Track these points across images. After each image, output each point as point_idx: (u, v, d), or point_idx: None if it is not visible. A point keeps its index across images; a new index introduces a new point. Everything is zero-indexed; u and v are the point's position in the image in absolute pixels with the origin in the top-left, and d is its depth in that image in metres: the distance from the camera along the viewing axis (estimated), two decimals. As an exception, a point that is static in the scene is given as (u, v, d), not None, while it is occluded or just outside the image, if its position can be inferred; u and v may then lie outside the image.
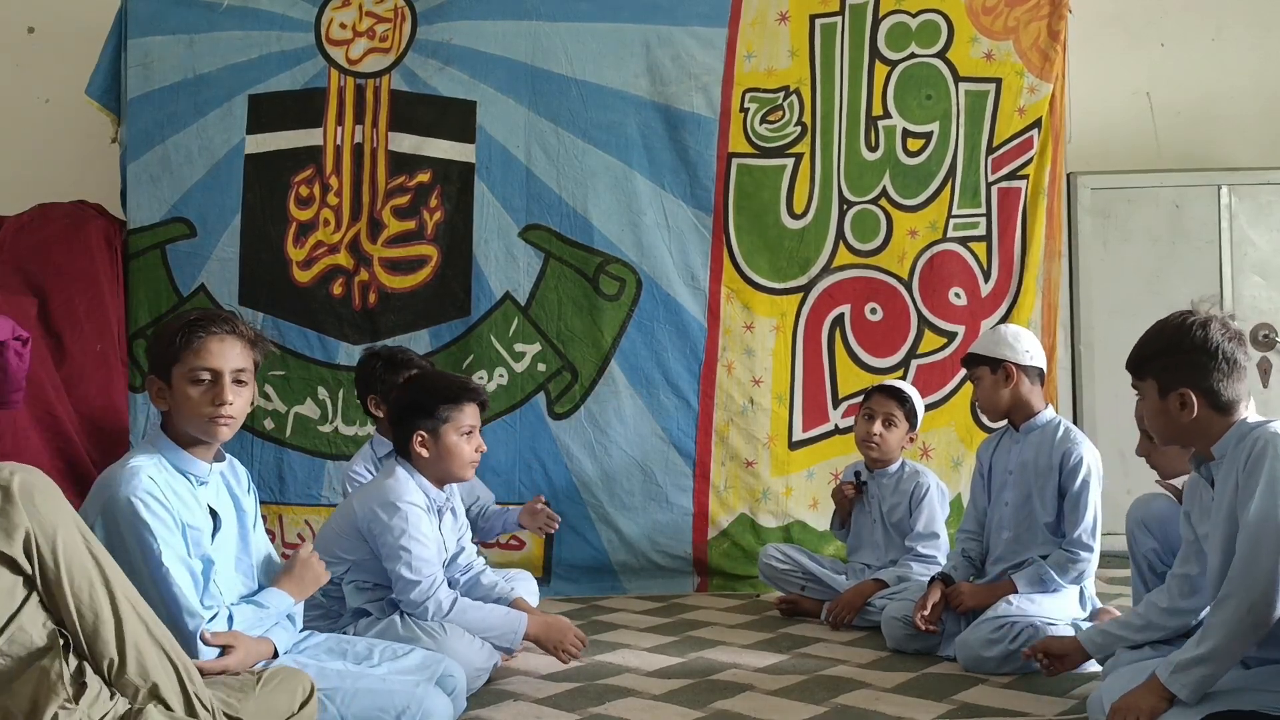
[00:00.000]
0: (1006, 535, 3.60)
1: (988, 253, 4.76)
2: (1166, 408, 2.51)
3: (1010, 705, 3.00)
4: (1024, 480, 3.57)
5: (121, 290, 4.62)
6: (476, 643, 3.15)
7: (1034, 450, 3.57)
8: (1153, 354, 2.55)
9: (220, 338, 2.51)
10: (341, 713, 2.47)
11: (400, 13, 4.73)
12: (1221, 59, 5.43)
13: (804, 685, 3.22)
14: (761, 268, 4.75)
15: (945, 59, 4.77)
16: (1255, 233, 5.21)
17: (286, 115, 4.71)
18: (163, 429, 2.56)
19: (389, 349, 4.08)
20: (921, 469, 4.13)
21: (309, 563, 2.74)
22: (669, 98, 4.71)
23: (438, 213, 4.70)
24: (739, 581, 4.65)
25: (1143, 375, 2.57)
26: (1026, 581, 3.45)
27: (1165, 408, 2.51)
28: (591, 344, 4.68)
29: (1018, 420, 3.63)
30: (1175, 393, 2.48)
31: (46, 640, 1.99)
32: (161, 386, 2.53)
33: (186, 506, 2.48)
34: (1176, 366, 2.48)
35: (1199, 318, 2.50)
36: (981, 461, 3.78)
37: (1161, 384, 2.51)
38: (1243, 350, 2.49)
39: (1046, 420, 3.60)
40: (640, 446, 4.67)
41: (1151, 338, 2.58)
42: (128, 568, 2.34)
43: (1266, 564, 2.29)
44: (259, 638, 2.54)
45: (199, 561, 2.47)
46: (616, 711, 3.00)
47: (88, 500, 2.48)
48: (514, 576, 3.87)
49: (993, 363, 3.60)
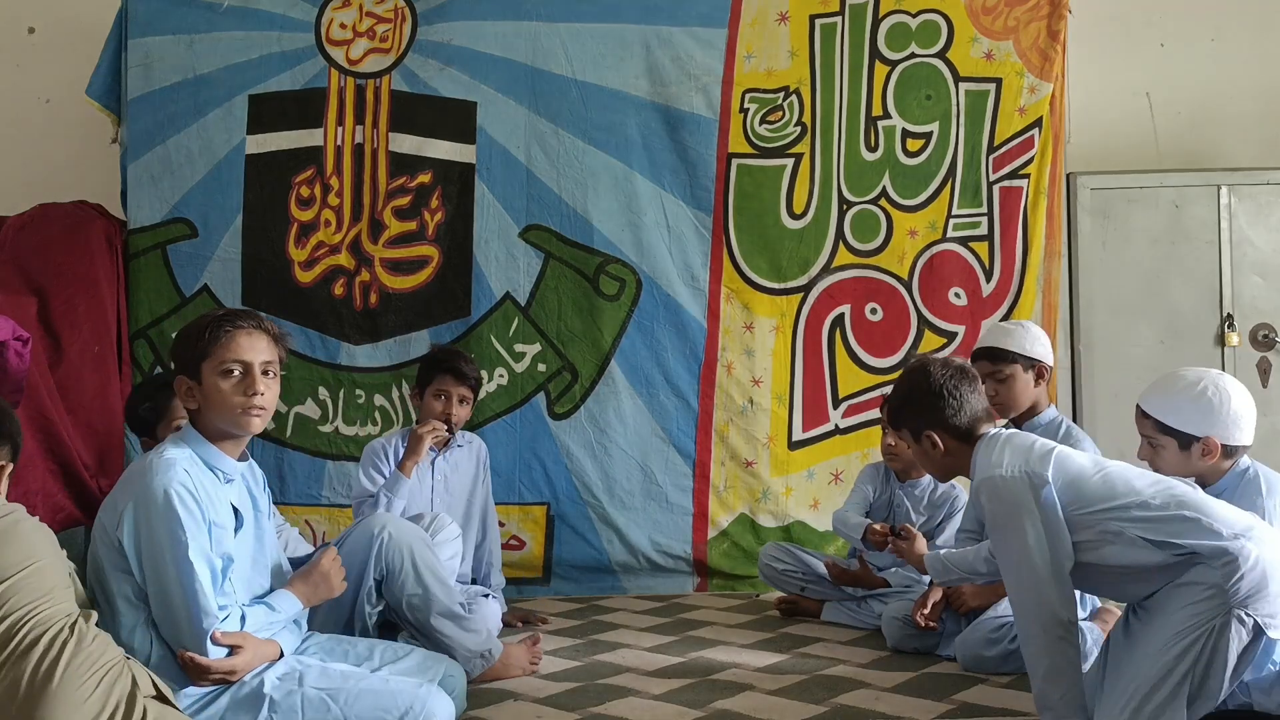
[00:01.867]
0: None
1: (989, 252, 4.76)
2: (923, 450, 2.80)
3: (1010, 705, 3.00)
4: None
5: (122, 291, 4.62)
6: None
7: None
8: (897, 406, 2.87)
9: (248, 331, 2.57)
10: (344, 714, 2.48)
11: (400, 13, 4.74)
12: (1221, 59, 5.43)
13: (804, 685, 3.22)
14: (761, 268, 4.76)
15: (945, 59, 4.77)
16: (1255, 233, 5.21)
17: (287, 116, 4.71)
18: (192, 426, 2.60)
19: (446, 348, 4.23)
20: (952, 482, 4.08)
21: (328, 574, 2.75)
22: (669, 98, 4.72)
23: (438, 213, 4.70)
24: (739, 581, 4.65)
25: (898, 426, 2.87)
26: None
27: (922, 450, 2.80)
28: (591, 344, 4.69)
29: (1022, 419, 3.63)
30: (925, 435, 2.77)
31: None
32: (190, 385, 2.55)
33: (213, 503, 2.52)
34: (916, 413, 2.78)
35: (919, 363, 2.84)
36: None
37: (912, 431, 2.80)
38: (966, 380, 2.76)
39: (1049, 419, 3.59)
40: (640, 446, 4.67)
41: (894, 391, 2.92)
42: (152, 557, 2.38)
43: (1029, 602, 2.56)
44: (266, 639, 2.56)
45: (220, 559, 2.49)
46: (616, 711, 3.00)
47: (118, 486, 2.52)
48: (476, 593, 3.79)
49: (1026, 360, 3.59)
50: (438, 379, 3.90)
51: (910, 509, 4.01)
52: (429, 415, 3.88)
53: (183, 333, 2.64)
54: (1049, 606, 2.53)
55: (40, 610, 2.21)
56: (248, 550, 2.63)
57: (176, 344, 2.65)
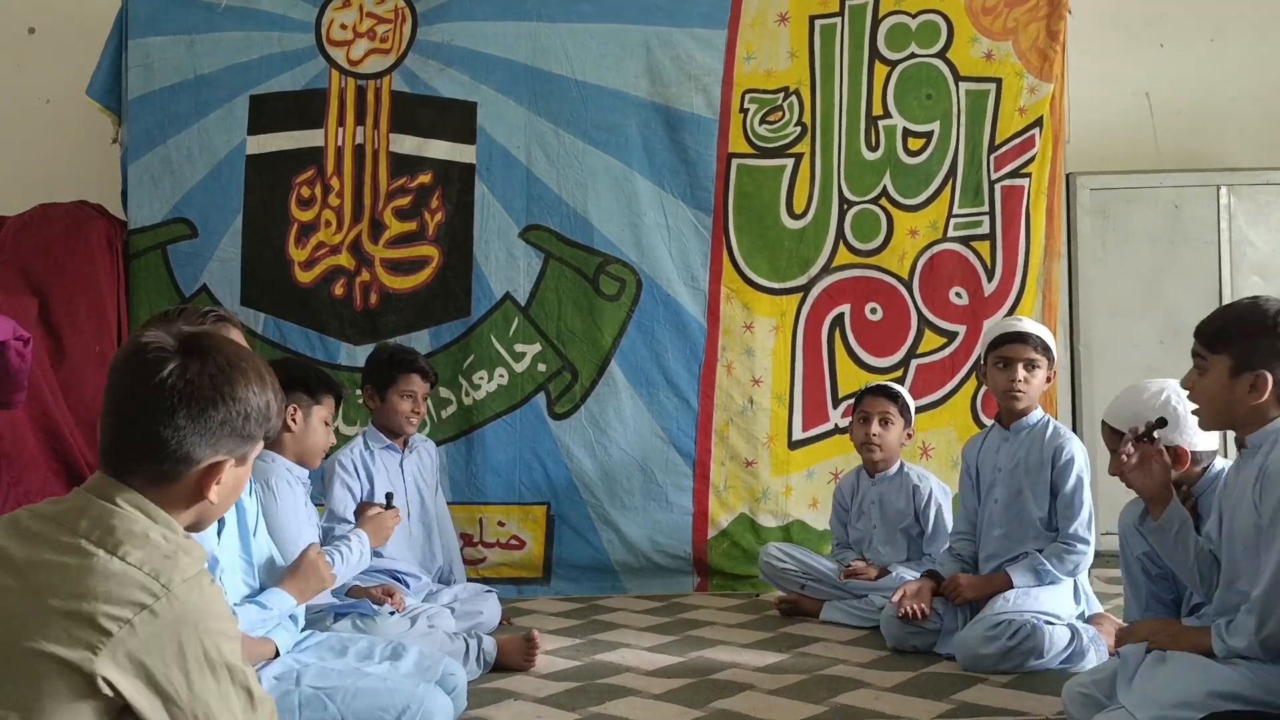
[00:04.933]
0: (998, 532, 3.61)
1: (991, 251, 4.75)
2: (1233, 386, 2.44)
3: (1010, 704, 3.00)
4: (1014, 478, 3.59)
5: (123, 291, 4.62)
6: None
7: (1025, 448, 3.58)
8: (1238, 332, 2.46)
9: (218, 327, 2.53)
10: (341, 712, 2.47)
11: (400, 14, 4.74)
12: (1221, 59, 5.43)
13: (804, 685, 3.22)
14: (761, 268, 4.76)
15: (945, 59, 4.77)
16: (1255, 233, 5.21)
17: (288, 116, 4.71)
18: None
19: (400, 347, 4.19)
20: (920, 472, 4.14)
21: (315, 565, 2.75)
22: (669, 98, 4.72)
23: (438, 213, 4.71)
24: (739, 581, 4.65)
25: (1216, 349, 2.48)
26: (1022, 574, 3.46)
27: (1232, 386, 2.44)
28: (591, 344, 4.69)
29: (1010, 419, 3.64)
30: (1250, 373, 2.42)
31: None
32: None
33: None
34: (1260, 349, 2.42)
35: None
36: (968, 462, 3.79)
37: (1237, 362, 2.44)
38: None
39: (1036, 419, 3.61)
40: (640, 446, 4.67)
41: (1239, 315, 2.49)
42: None
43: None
44: (260, 638, 2.55)
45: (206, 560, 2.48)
46: (616, 711, 3.00)
47: None
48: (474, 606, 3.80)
49: (1050, 358, 3.60)
50: (403, 379, 3.90)
51: (890, 502, 4.08)
52: (396, 414, 3.90)
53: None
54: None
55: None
56: (233, 551, 2.62)
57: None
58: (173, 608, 1.47)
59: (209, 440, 1.58)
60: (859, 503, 4.19)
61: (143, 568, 1.48)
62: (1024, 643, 3.29)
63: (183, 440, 1.56)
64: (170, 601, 1.47)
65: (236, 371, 1.60)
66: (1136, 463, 2.71)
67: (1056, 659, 3.32)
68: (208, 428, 1.58)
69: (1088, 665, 3.26)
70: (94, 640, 1.42)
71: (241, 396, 1.60)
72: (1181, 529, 2.67)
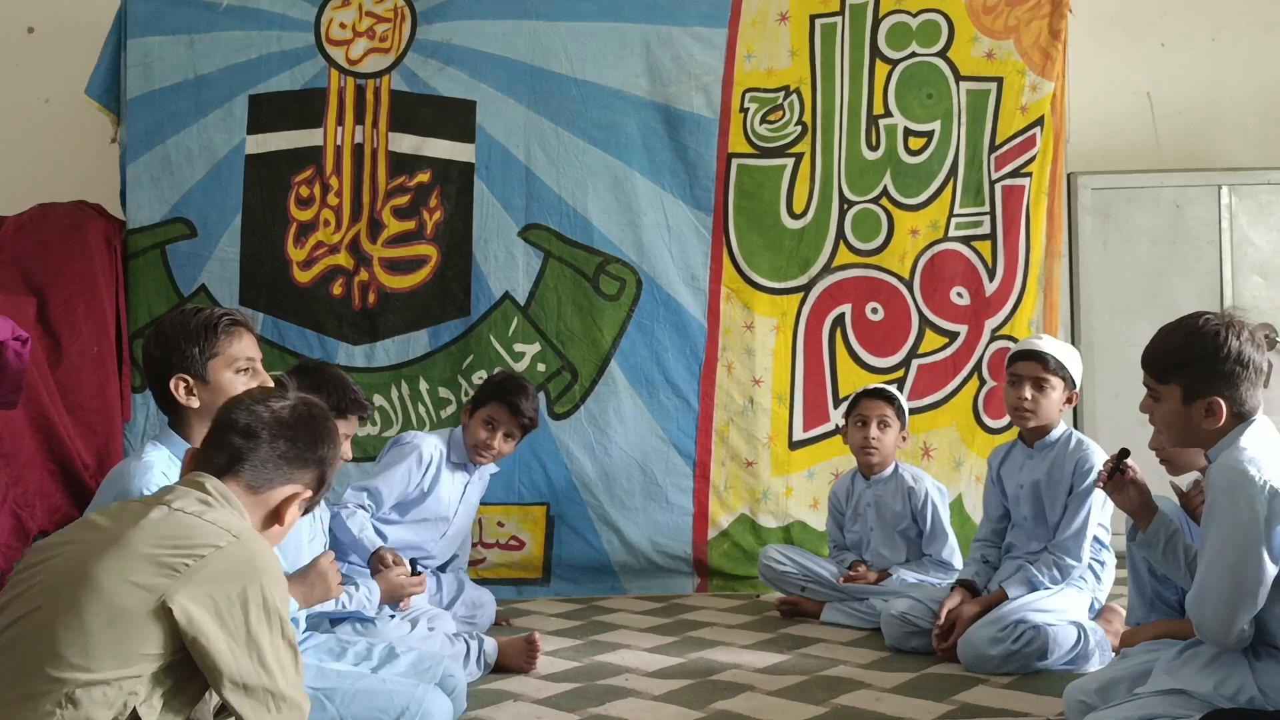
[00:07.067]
0: (1035, 546, 3.59)
1: (992, 251, 4.75)
2: (1189, 414, 2.42)
3: (1010, 705, 3.00)
4: (1037, 495, 3.57)
5: (122, 291, 4.61)
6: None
7: (1048, 464, 3.55)
8: (1183, 360, 2.42)
9: (244, 329, 2.59)
10: (340, 713, 2.47)
11: (400, 13, 4.73)
12: (1221, 59, 5.43)
13: (804, 685, 3.21)
14: (761, 268, 4.75)
15: (946, 58, 4.76)
16: (1255, 233, 5.21)
17: (287, 115, 4.70)
18: (171, 428, 2.55)
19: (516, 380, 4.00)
20: (915, 472, 4.12)
21: (325, 574, 2.71)
22: (669, 98, 4.71)
23: (437, 213, 4.70)
24: (739, 582, 4.65)
25: (1165, 380, 2.45)
26: (1015, 586, 3.46)
27: (1188, 414, 2.42)
28: (591, 344, 4.68)
29: (1031, 437, 3.62)
30: (1203, 400, 2.39)
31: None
32: (191, 383, 2.52)
33: None
34: (1207, 375, 2.39)
35: (1232, 325, 2.40)
36: (994, 471, 3.76)
37: (1187, 390, 2.41)
38: (1266, 358, 2.42)
39: (1058, 436, 3.58)
40: (640, 446, 4.66)
41: (1181, 343, 2.44)
42: None
43: (1210, 604, 2.32)
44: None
45: None
46: (616, 711, 3.00)
47: (101, 490, 2.50)
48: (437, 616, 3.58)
49: (1071, 381, 3.56)
50: (492, 406, 3.84)
51: (887, 504, 4.06)
52: (474, 439, 3.84)
53: (177, 334, 2.56)
54: (1223, 634, 2.33)
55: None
56: None
57: (173, 345, 2.58)
58: (242, 550, 1.77)
59: (299, 470, 2.00)
60: (854, 505, 4.18)
61: (217, 524, 1.80)
62: (1030, 646, 3.29)
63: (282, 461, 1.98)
64: (240, 546, 1.77)
65: (334, 427, 2.10)
66: (1113, 490, 2.76)
67: (1061, 660, 3.31)
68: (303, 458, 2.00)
69: (1092, 667, 3.26)
70: (172, 570, 1.71)
71: (336, 444, 2.07)
72: (1170, 541, 2.66)
